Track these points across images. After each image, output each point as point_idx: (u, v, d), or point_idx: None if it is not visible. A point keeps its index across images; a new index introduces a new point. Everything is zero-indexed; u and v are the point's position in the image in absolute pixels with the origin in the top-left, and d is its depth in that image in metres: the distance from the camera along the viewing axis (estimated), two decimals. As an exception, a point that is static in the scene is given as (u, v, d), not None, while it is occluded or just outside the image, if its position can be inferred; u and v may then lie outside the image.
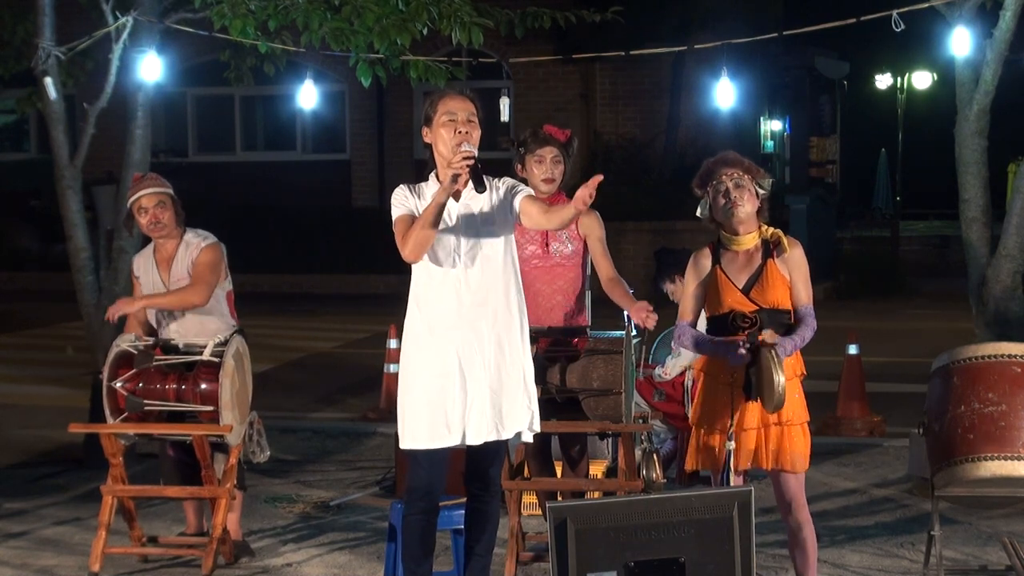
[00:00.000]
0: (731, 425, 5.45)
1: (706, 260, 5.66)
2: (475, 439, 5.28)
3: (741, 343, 5.39)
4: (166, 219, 6.66)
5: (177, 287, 6.65)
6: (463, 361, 5.27)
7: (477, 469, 5.42)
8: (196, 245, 6.72)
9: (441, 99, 5.34)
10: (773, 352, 5.32)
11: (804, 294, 5.56)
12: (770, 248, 5.57)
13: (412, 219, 5.26)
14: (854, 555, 6.79)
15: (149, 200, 6.64)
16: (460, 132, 5.26)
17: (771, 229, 5.61)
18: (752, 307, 5.51)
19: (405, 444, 5.33)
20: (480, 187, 5.17)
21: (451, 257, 5.28)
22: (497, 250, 5.33)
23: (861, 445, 9.30)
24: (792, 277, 5.56)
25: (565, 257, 6.48)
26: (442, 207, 5.16)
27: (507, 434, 5.35)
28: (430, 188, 5.34)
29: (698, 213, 5.67)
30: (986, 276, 8.04)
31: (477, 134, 5.30)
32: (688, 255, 8.33)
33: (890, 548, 6.93)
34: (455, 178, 5.13)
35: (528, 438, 5.47)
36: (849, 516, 7.57)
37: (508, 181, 5.42)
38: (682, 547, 4.39)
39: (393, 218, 5.31)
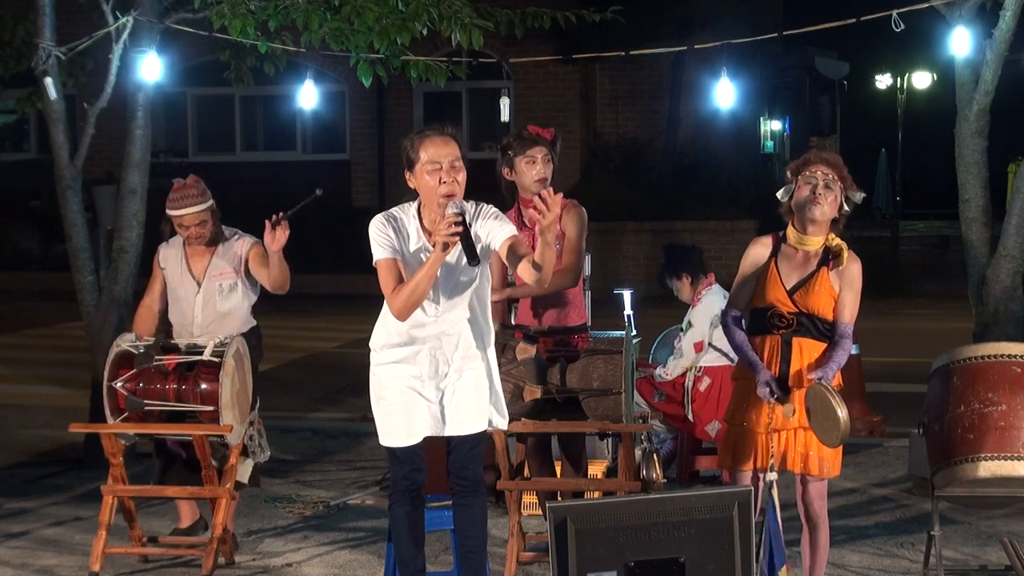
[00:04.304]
0: (769, 424, 5.47)
1: (765, 249, 5.59)
2: (450, 431, 5.38)
3: (773, 388, 5.40)
4: (207, 232, 6.70)
5: (219, 281, 6.70)
6: (427, 368, 5.35)
7: (454, 466, 5.48)
8: (242, 242, 6.76)
9: (422, 143, 5.24)
10: (828, 387, 5.31)
11: (848, 313, 5.52)
12: (829, 257, 5.54)
13: (395, 264, 5.26)
14: (854, 555, 6.79)
15: (191, 219, 6.65)
16: (445, 182, 5.19)
17: (837, 240, 5.56)
18: (792, 308, 5.49)
19: (382, 441, 5.47)
20: (473, 260, 5.12)
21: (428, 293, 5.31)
22: (471, 279, 5.34)
23: (861, 445, 9.30)
24: (842, 291, 5.51)
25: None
26: (434, 274, 5.15)
27: (471, 429, 5.39)
28: (412, 224, 5.30)
29: (779, 195, 5.57)
30: (986, 276, 8.04)
31: (462, 176, 5.23)
32: (699, 254, 8.36)
33: (890, 548, 6.93)
34: (445, 245, 5.08)
35: (499, 426, 5.54)
36: (849, 516, 7.57)
37: (489, 217, 5.30)
38: (682, 547, 4.39)
39: (375, 258, 5.29)
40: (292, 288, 6.72)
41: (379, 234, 5.28)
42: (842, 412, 5.25)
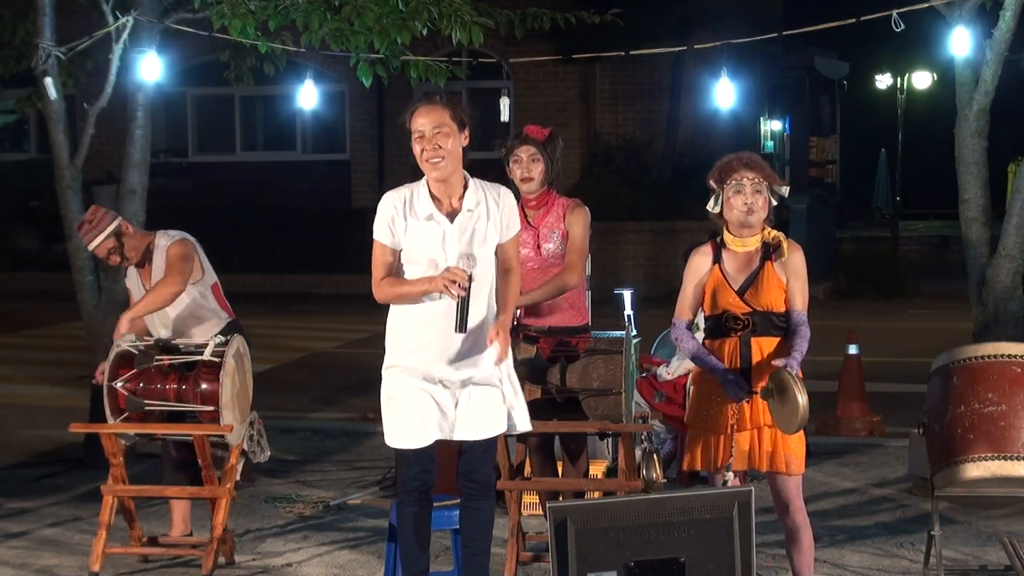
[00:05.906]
0: (733, 425, 5.45)
1: (706, 258, 5.63)
2: (461, 435, 5.36)
3: (743, 385, 5.40)
4: (121, 255, 6.70)
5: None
6: (442, 368, 5.36)
7: (464, 468, 5.48)
8: (164, 247, 6.76)
9: (412, 114, 5.34)
10: (792, 374, 5.30)
11: (800, 300, 5.53)
12: (770, 250, 5.56)
13: (391, 256, 5.32)
14: (854, 555, 6.79)
15: (99, 251, 6.70)
16: (427, 149, 5.26)
17: (773, 232, 5.59)
18: (745, 309, 5.50)
19: (391, 442, 5.49)
20: (461, 328, 5.19)
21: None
22: (486, 271, 5.37)
23: (861, 445, 9.30)
24: (789, 282, 5.53)
25: (558, 257, 6.47)
26: (419, 295, 5.28)
27: (484, 434, 5.38)
28: (422, 203, 5.32)
29: (709, 207, 5.60)
30: (986, 276, 8.04)
31: (451, 142, 5.27)
32: None
33: (890, 548, 6.93)
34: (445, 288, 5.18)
35: (523, 429, 5.52)
36: (849, 516, 7.57)
37: (505, 208, 5.40)
38: (682, 547, 4.39)
39: (374, 236, 5.35)
40: (292, 288, 6.74)
41: (383, 216, 5.35)
42: (802, 399, 5.24)
